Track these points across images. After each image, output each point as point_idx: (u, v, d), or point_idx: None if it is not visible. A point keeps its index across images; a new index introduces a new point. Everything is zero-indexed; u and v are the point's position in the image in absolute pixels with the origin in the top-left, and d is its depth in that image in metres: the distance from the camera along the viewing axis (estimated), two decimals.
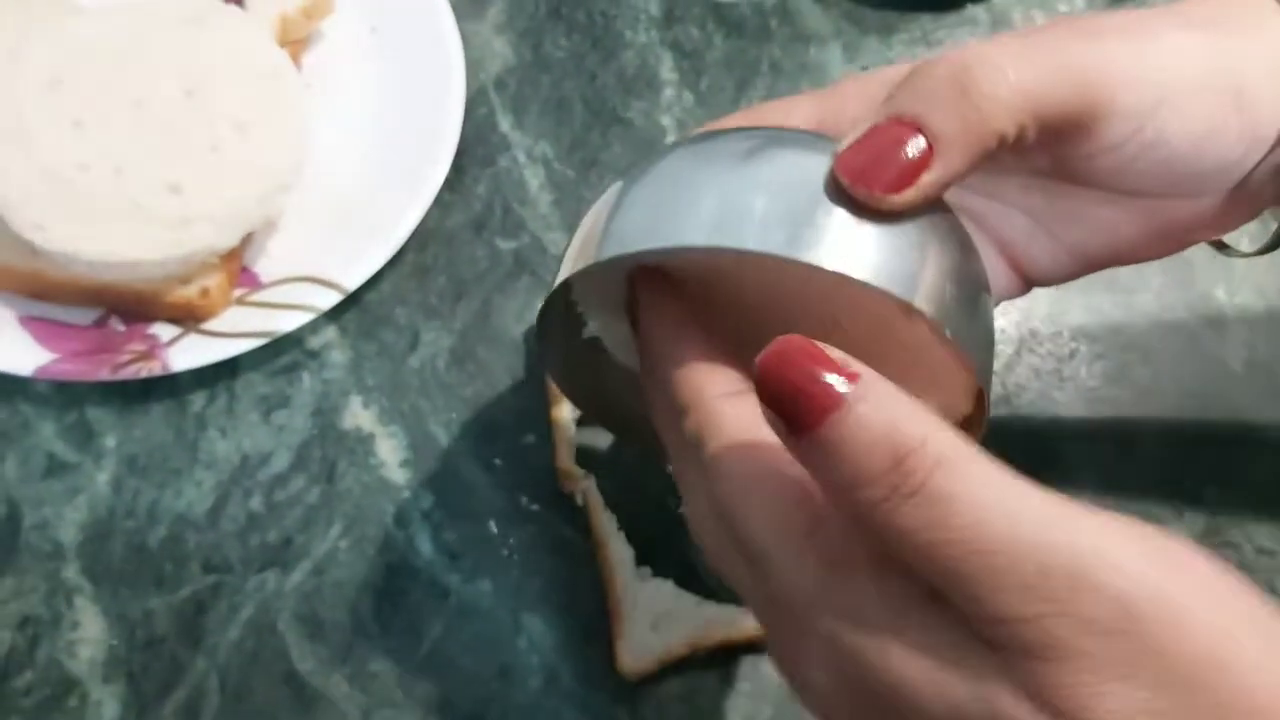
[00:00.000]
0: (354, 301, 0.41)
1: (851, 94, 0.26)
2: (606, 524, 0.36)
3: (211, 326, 0.39)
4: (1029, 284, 0.29)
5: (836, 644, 0.19)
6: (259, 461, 0.38)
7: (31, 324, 0.39)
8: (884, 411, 0.18)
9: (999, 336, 0.41)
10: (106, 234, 0.37)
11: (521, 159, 0.44)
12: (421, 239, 0.42)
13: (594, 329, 0.29)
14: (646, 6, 0.48)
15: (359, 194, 0.42)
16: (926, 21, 0.48)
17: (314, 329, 0.40)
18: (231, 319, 0.39)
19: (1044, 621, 0.17)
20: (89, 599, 0.36)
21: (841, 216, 0.22)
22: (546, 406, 0.38)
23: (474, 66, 0.45)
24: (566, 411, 0.38)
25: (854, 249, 0.21)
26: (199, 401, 0.39)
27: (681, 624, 0.35)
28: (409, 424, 0.39)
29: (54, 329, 0.39)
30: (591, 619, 0.36)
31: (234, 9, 0.42)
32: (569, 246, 0.25)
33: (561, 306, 0.26)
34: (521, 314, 0.41)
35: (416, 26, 0.45)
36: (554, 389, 0.38)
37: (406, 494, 0.38)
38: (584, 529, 0.37)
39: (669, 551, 0.36)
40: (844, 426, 0.18)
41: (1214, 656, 0.17)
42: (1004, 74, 0.22)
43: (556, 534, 0.37)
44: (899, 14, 0.48)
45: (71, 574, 0.37)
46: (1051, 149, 0.25)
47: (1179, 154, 0.25)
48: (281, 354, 0.40)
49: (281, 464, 0.38)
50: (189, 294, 0.38)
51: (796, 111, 0.27)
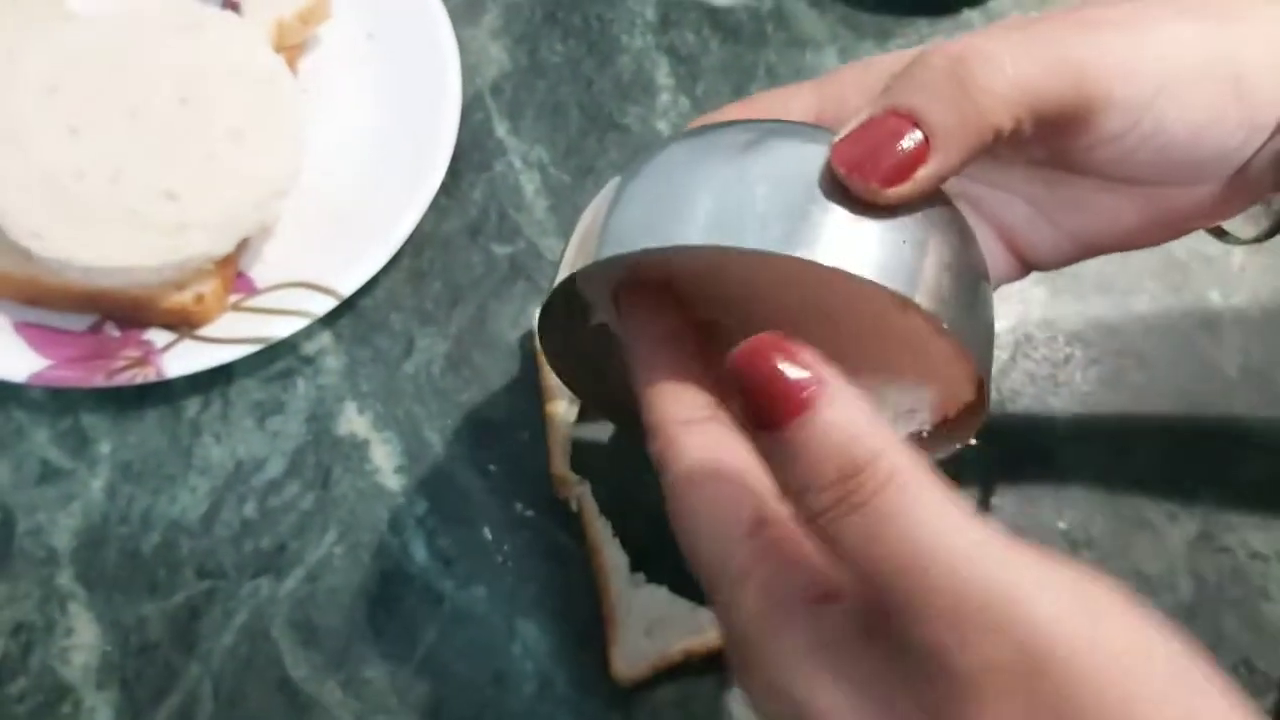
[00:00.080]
0: (349, 307, 0.41)
1: (850, 83, 0.26)
2: (601, 530, 0.36)
3: (206, 332, 0.39)
4: (1028, 269, 0.29)
5: (769, 678, 0.20)
6: (253, 467, 0.38)
7: (26, 330, 0.39)
8: (845, 422, 0.18)
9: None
10: (102, 240, 0.37)
11: (517, 164, 0.44)
12: (417, 244, 0.42)
13: (601, 316, 0.29)
14: (643, 11, 0.48)
15: (355, 199, 0.42)
16: (922, 26, 0.48)
17: (309, 335, 0.40)
18: (226, 325, 0.39)
19: (951, 654, 0.17)
20: (83, 605, 0.36)
21: (839, 211, 0.22)
22: (542, 411, 0.38)
23: (470, 72, 0.45)
24: (561, 409, 0.38)
25: (851, 244, 0.21)
26: (193, 407, 0.39)
27: (676, 630, 0.35)
28: (404, 430, 0.39)
29: (49, 335, 0.39)
30: (586, 625, 0.36)
31: (230, 15, 0.43)
32: (568, 244, 0.25)
33: (563, 300, 0.26)
34: (517, 319, 0.41)
35: (413, 32, 0.45)
36: (549, 389, 0.38)
37: (401, 500, 0.38)
38: (578, 535, 0.37)
39: (663, 558, 0.36)
40: (804, 432, 0.18)
41: (1117, 713, 0.17)
42: (1002, 68, 0.22)
43: (551, 540, 0.37)
44: (895, 18, 0.48)
45: (65, 580, 0.37)
46: (1049, 141, 0.25)
47: (1178, 143, 0.25)
48: (276, 360, 0.40)
49: (276, 470, 0.38)
50: (184, 300, 0.38)
51: (795, 101, 0.27)
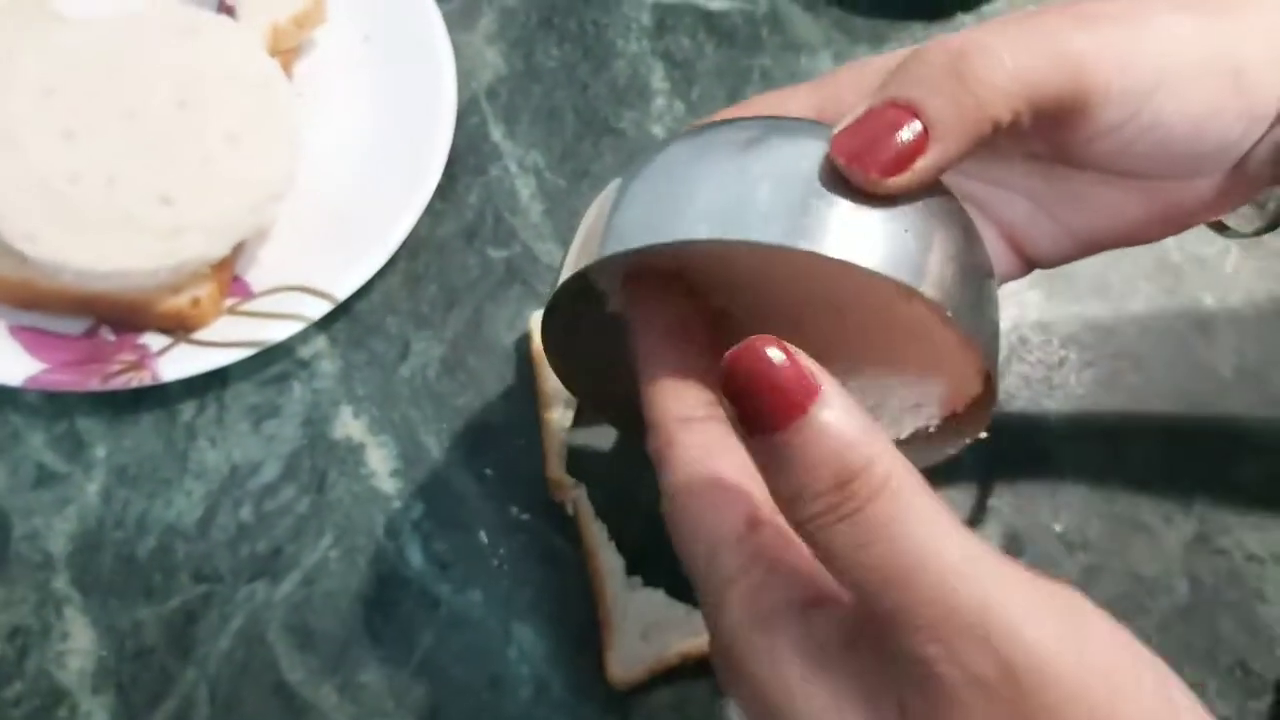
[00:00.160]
0: (345, 311, 0.41)
1: (847, 83, 0.26)
2: (597, 533, 0.36)
3: (202, 336, 0.39)
4: (1030, 265, 0.29)
5: (754, 683, 0.20)
6: (249, 471, 0.38)
7: (21, 334, 0.39)
8: (838, 429, 0.18)
9: None
10: (97, 244, 0.37)
11: (513, 168, 0.44)
12: (413, 248, 0.42)
13: (614, 305, 0.29)
14: (638, 16, 0.48)
15: (350, 203, 0.42)
16: (917, 30, 0.48)
17: (304, 338, 0.40)
18: (222, 329, 0.39)
19: (938, 666, 0.18)
20: (78, 609, 0.36)
21: (841, 203, 0.22)
22: (538, 414, 0.38)
23: (465, 76, 0.45)
24: (558, 418, 0.38)
25: (854, 235, 0.21)
26: (189, 411, 0.39)
27: (672, 633, 0.35)
28: (399, 434, 0.39)
29: (44, 339, 0.39)
30: (582, 629, 0.36)
31: (225, 19, 0.42)
32: (573, 241, 0.25)
33: (568, 299, 0.26)
34: (513, 323, 0.41)
35: (408, 36, 0.45)
36: (545, 394, 0.38)
37: (397, 504, 0.38)
38: (574, 539, 0.37)
39: (659, 561, 0.36)
40: (796, 438, 0.18)
41: None
42: (1000, 61, 0.22)
43: (547, 544, 0.37)
44: (889, 22, 0.48)
45: (61, 584, 0.37)
46: (1048, 134, 0.25)
47: (1177, 136, 0.25)
48: (272, 363, 0.40)
49: (271, 474, 0.38)
50: (180, 304, 0.38)
51: (792, 103, 0.27)
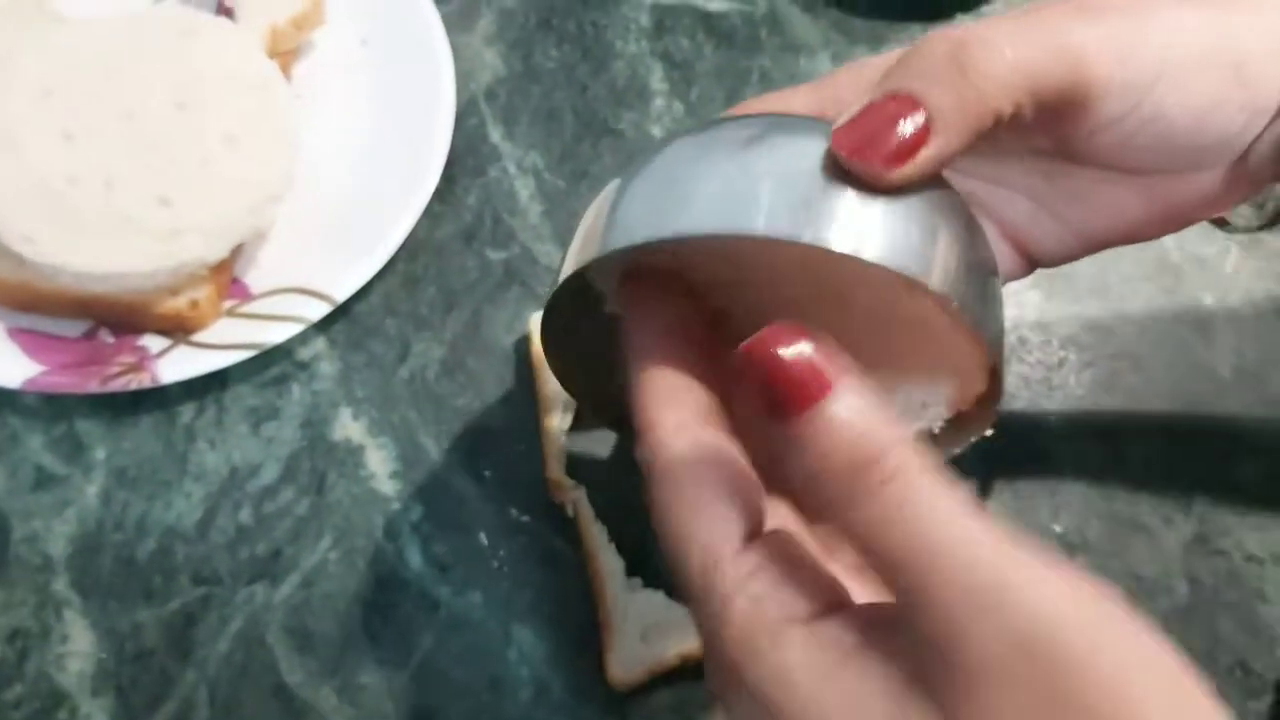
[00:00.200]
0: (344, 312, 0.41)
1: (846, 84, 0.26)
2: (597, 535, 0.36)
3: (201, 338, 0.39)
4: (1033, 265, 0.29)
5: (762, 700, 0.19)
6: (248, 473, 0.38)
7: (20, 336, 0.39)
8: (858, 413, 0.19)
9: None
10: (96, 246, 0.37)
11: (512, 170, 0.44)
12: (412, 249, 0.42)
13: (612, 305, 0.28)
14: (637, 17, 0.48)
15: (349, 205, 0.42)
16: (916, 31, 0.48)
17: (303, 340, 0.40)
18: (221, 331, 0.39)
19: (958, 645, 0.18)
20: (78, 612, 0.36)
21: (844, 197, 0.22)
22: (537, 416, 0.38)
23: (464, 77, 0.45)
24: (557, 420, 0.38)
25: (859, 229, 0.21)
26: (188, 413, 0.39)
27: (671, 635, 0.35)
28: (399, 435, 0.39)
29: (43, 341, 0.39)
30: (582, 630, 0.36)
31: (224, 20, 0.42)
32: (573, 239, 0.25)
33: (568, 298, 0.26)
34: (512, 324, 0.41)
35: (407, 37, 0.45)
36: (545, 397, 0.38)
37: (396, 506, 0.38)
38: (574, 540, 0.37)
39: (659, 563, 0.36)
40: (817, 422, 0.19)
41: (1115, 706, 0.17)
42: (1001, 53, 0.22)
43: (547, 545, 0.37)
44: (888, 24, 0.48)
45: (61, 587, 0.37)
46: (1050, 127, 0.25)
47: (1179, 128, 0.25)
48: (271, 365, 0.40)
49: (271, 476, 0.38)
50: (178, 305, 0.38)
51: (792, 104, 0.27)
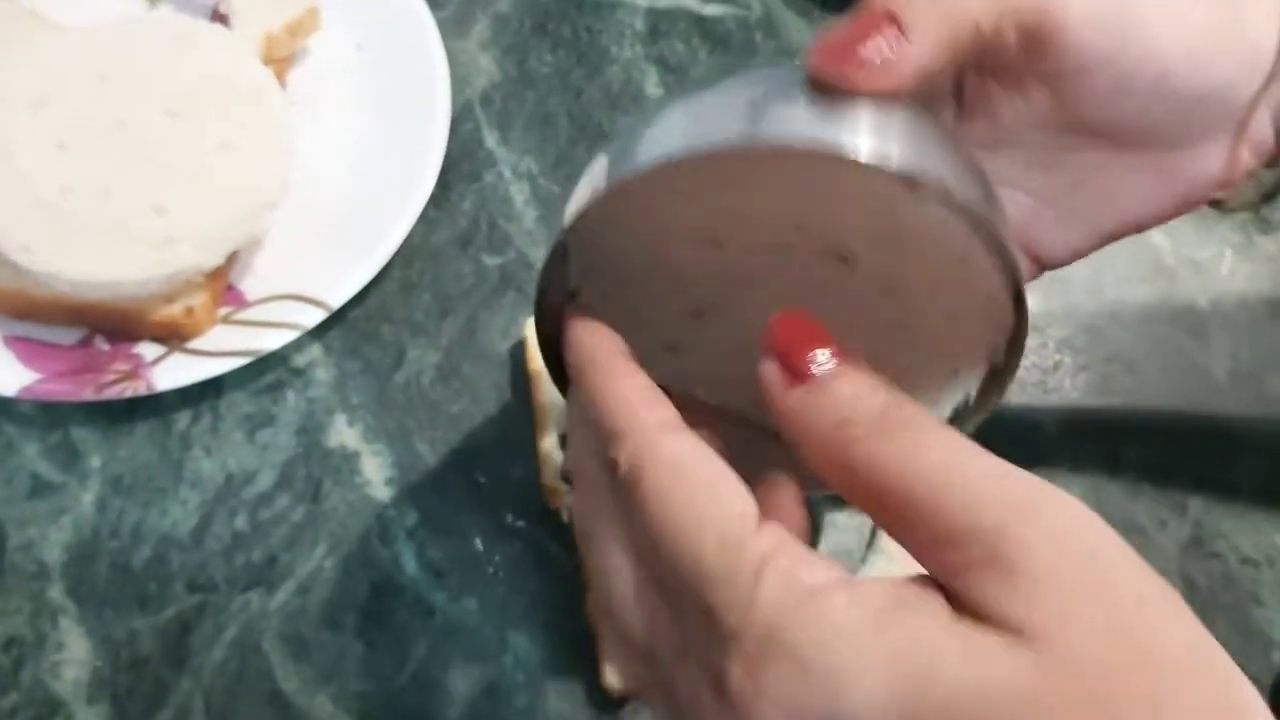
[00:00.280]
0: (339, 319, 0.41)
1: None
2: None
3: (196, 345, 0.39)
4: (1040, 267, 0.29)
5: (808, 664, 0.19)
6: (244, 480, 0.38)
7: (15, 344, 0.39)
8: (869, 376, 0.21)
9: None
10: (91, 254, 0.37)
11: (507, 175, 0.44)
12: (407, 255, 0.42)
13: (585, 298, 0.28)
14: (631, 22, 0.48)
15: (344, 211, 0.42)
16: None
17: (299, 347, 0.40)
18: (216, 338, 0.39)
19: (1007, 528, 0.18)
20: (74, 620, 0.36)
21: (828, 110, 0.22)
22: (533, 422, 0.38)
23: (459, 83, 0.45)
24: (552, 426, 0.38)
25: (846, 136, 0.21)
26: (183, 421, 0.39)
27: None
28: (394, 442, 0.39)
29: (38, 349, 0.39)
30: (577, 636, 0.36)
31: (219, 27, 0.43)
32: (566, 212, 0.24)
33: (558, 297, 0.26)
34: (507, 330, 0.41)
35: (402, 43, 0.45)
36: (540, 403, 0.38)
37: (391, 512, 0.38)
38: (569, 546, 0.37)
39: None
40: (832, 380, 0.21)
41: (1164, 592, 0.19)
42: None
43: (542, 551, 0.37)
44: None
45: (56, 595, 0.37)
46: (1034, 61, 0.25)
47: (1174, 69, 0.25)
48: (266, 372, 0.40)
49: (266, 483, 0.38)
50: (174, 313, 0.38)
51: None
